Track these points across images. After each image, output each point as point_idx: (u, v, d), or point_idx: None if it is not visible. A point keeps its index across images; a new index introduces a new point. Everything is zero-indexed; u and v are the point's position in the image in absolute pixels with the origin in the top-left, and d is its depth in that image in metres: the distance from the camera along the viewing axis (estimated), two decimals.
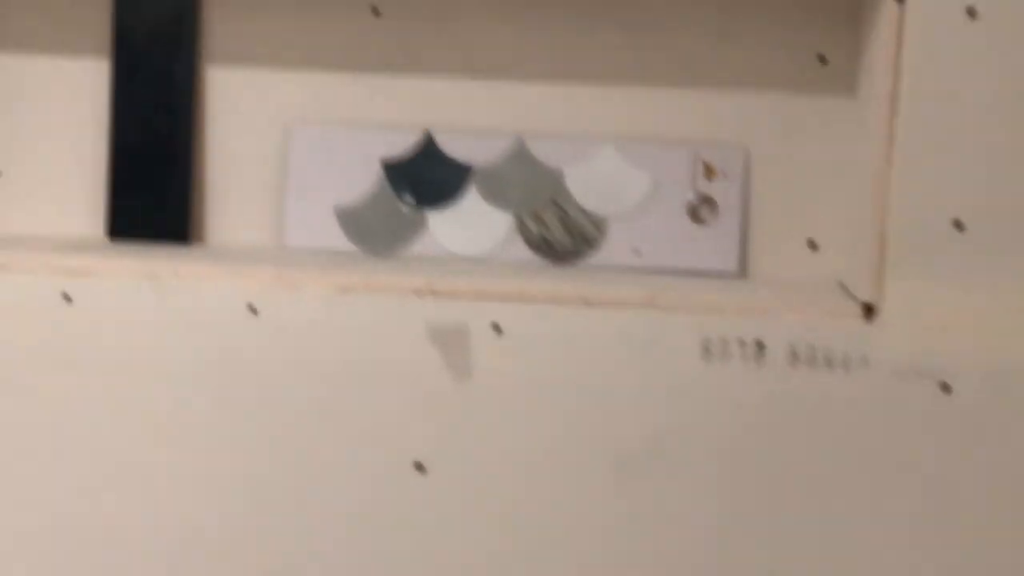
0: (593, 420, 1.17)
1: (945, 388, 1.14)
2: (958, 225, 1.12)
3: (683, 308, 1.15)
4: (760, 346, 1.14)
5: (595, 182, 1.25)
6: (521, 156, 1.25)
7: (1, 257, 1.18)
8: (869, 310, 1.15)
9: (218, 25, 1.26)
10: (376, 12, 1.25)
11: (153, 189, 1.26)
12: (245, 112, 1.27)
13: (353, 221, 1.26)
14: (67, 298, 1.17)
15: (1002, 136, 1.11)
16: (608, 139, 1.25)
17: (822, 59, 1.23)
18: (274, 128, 1.27)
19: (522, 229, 1.25)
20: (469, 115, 1.26)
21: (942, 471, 1.15)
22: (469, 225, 1.26)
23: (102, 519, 1.19)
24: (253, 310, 1.17)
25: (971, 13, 1.10)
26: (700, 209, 1.24)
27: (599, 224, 1.25)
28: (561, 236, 1.25)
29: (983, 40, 1.10)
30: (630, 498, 1.17)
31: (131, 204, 1.27)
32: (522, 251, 1.26)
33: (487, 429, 1.17)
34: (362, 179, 1.26)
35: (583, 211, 1.25)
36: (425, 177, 1.26)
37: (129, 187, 1.26)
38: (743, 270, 1.25)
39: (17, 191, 1.29)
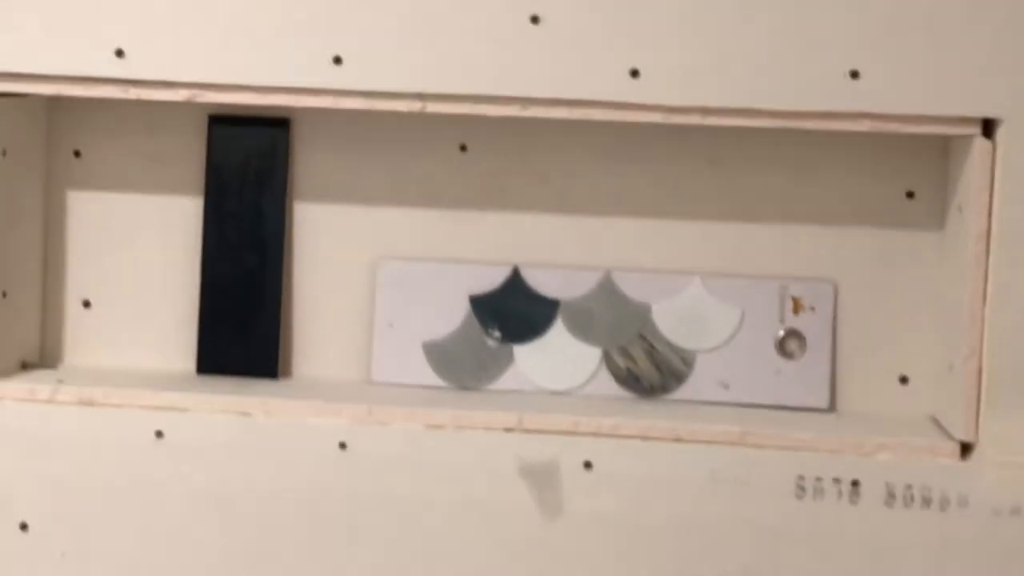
0: (685, 558, 1.16)
1: None
2: None
3: (776, 445, 1.16)
4: (855, 484, 1.14)
5: (682, 316, 1.25)
6: (608, 290, 1.26)
7: (93, 393, 1.20)
8: (966, 448, 1.14)
9: (307, 162, 1.29)
10: (463, 148, 1.27)
11: (242, 324, 1.28)
12: (333, 248, 1.29)
13: (441, 356, 1.27)
14: (159, 434, 1.19)
15: None
16: (695, 274, 1.26)
17: (910, 194, 1.24)
18: (362, 263, 1.29)
19: (609, 363, 1.26)
20: (556, 250, 1.27)
21: None
22: (556, 359, 1.27)
23: None
24: (343, 446, 1.18)
25: None
26: (788, 343, 1.24)
27: (687, 358, 1.25)
28: (648, 370, 1.26)
29: None
30: None
31: (220, 339, 1.28)
32: (609, 385, 1.26)
33: (578, 567, 1.17)
34: (449, 314, 1.27)
35: (671, 345, 1.25)
36: (512, 312, 1.27)
37: (219, 322, 1.28)
38: (832, 405, 1.25)
39: (107, 324, 1.31)
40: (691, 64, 1.13)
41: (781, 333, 1.24)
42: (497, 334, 1.27)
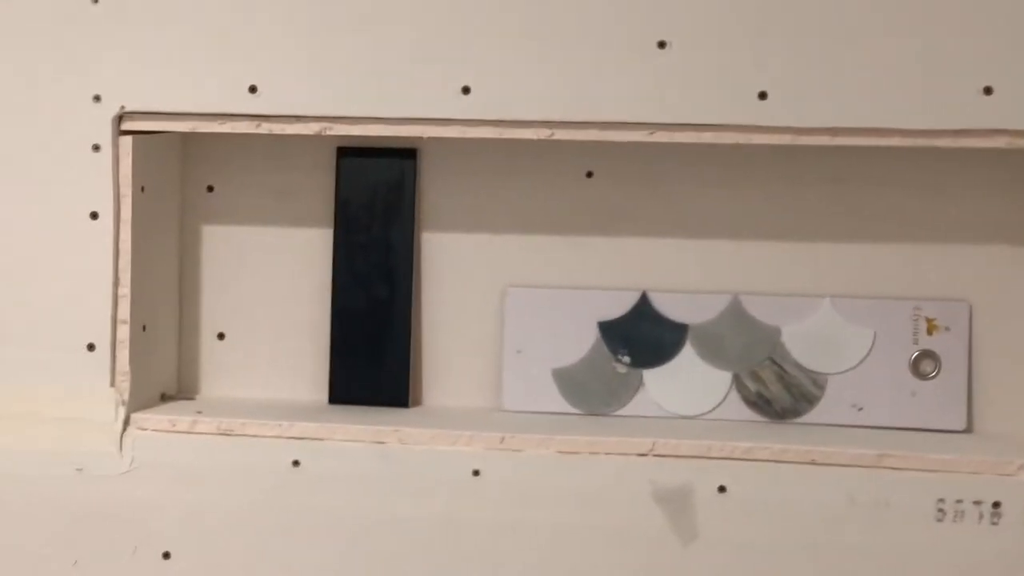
0: None
1: None
2: None
3: (915, 467, 1.15)
4: (996, 507, 1.13)
5: (813, 339, 1.25)
6: (737, 314, 1.26)
7: (231, 423, 1.22)
8: None
9: (435, 192, 1.30)
10: (590, 175, 1.28)
11: (373, 354, 1.30)
12: (461, 276, 1.30)
13: (570, 382, 1.28)
14: (296, 463, 1.20)
15: None
16: (825, 296, 1.25)
17: None
18: (490, 291, 1.30)
19: (739, 387, 1.26)
20: (684, 275, 1.28)
21: None
22: (686, 384, 1.27)
23: None
24: (476, 473, 1.19)
25: None
26: (923, 364, 1.24)
27: (818, 381, 1.25)
28: (780, 393, 1.26)
29: None
30: None
31: (352, 369, 1.30)
32: (740, 409, 1.26)
33: None
34: (578, 340, 1.28)
35: (802, 368, 1.25)
36: (641, 337, 1.27)
37: (350, 352, 1.30)
38: (970, 426, 1.24)
39: (241, 356, 1.34)
40: (819, 85, 1.13)
41: (916, 354, 1.24)
42: (626, 359, 1.27)
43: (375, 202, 1.30)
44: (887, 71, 1.13)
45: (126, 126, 1.21)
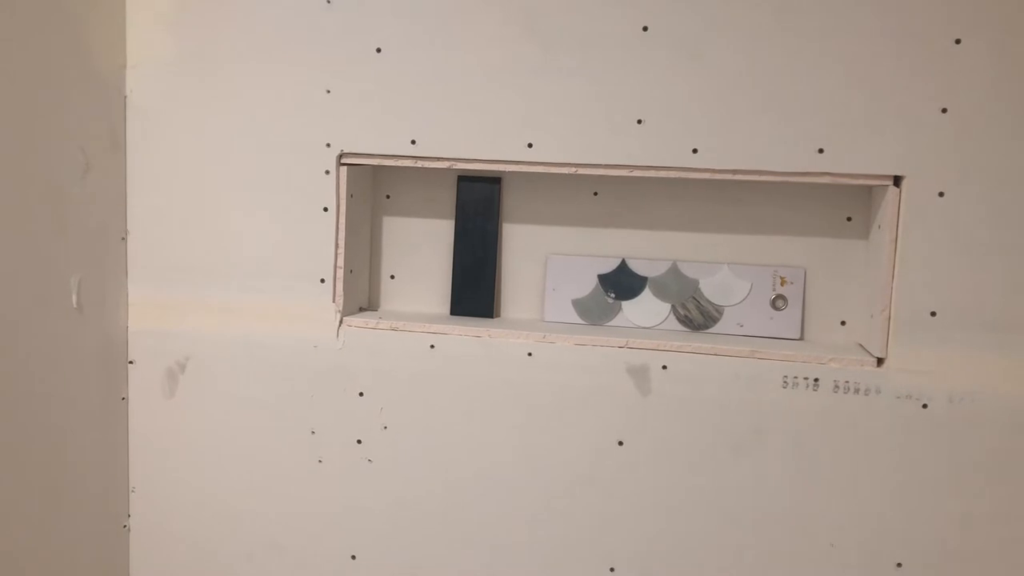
0: (717, 420, 1.15)
1: (924, 406, 1.11)
2: (932, 314, 1.10)
3: (771, 358, 1.15)
4: (816, 381, 1.14)
5: (717, 287, 1.25)
6: (675, 272, 1.26)
7: (396, 324, 1.23)
8: (879, 361, 1.13)
9: (510, 200, 1.29)
10: (596, 193, 1.26)
11: (474, 288, 1.30)
12: (524, 249, 1.30)
13: (581, 306, 1.28)
14: (432, 346, 1.22)
15: (956, 268, 1.09)
16: (724, 263, 1.25)
17: (848, 219, 1.21)
18: (539, 256, 1.29)
19: (675, 312, 1.26)
20: (647, 249, 1.27)
21: (922, 455, 1.12)
22: (646, 310, 1.26)
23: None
24: (529, 355, 1.20)
25: (941, 194, 1.09)
26: (777, 302, 1.23)
27: (719, 310, 1.25)
28: (697, 316, 1.25)
29: (948, 209, 1.09)
30: (740, 473, 1.15)
31: (463, 296, 1.30)
32: (674, 324, 1.26)
33: (659, 423, 1.17)
34: (587, 284, 1.28)
35: (711, 302, 1.25)
36: (622, 283, 1.27)
37: (462, 287, 1.30)
38: (803, 337, 1.23)
39: (402, 288, 1.33)
40: (733, 143, 1.11)
41: (773, 296, 1.23)
42: (612, 295, 1.27)
43: (477, 207, 1.29)
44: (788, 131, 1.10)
45: (344, 161, 1.22)
